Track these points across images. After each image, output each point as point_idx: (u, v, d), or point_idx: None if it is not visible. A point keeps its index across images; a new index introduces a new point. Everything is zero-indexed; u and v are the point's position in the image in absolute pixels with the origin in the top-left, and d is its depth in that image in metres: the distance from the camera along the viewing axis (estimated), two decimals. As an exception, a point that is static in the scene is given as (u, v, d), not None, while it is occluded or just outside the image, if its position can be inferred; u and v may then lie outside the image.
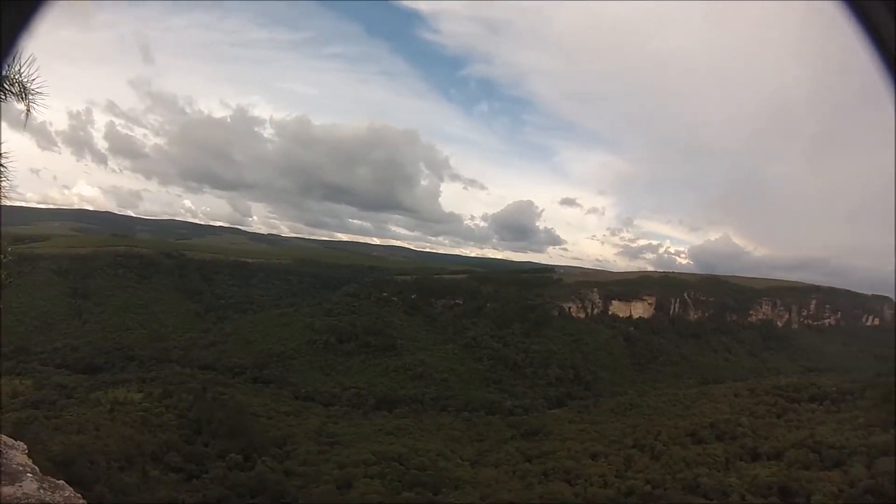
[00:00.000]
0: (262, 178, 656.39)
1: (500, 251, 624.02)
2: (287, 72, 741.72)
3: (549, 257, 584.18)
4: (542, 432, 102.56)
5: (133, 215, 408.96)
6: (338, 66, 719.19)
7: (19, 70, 4.05)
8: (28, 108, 4.56)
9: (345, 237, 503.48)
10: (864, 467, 66.72)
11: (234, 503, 60.51)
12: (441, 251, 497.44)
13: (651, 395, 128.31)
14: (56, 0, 2.83)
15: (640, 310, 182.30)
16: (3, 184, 4.83)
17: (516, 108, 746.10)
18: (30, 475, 6.45)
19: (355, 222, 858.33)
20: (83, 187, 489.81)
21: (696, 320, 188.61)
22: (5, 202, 5.12)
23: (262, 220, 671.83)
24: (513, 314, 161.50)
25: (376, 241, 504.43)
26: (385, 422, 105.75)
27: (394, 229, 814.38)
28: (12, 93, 4.35)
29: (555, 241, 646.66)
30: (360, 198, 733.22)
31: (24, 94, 4.41)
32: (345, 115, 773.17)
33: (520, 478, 78.42)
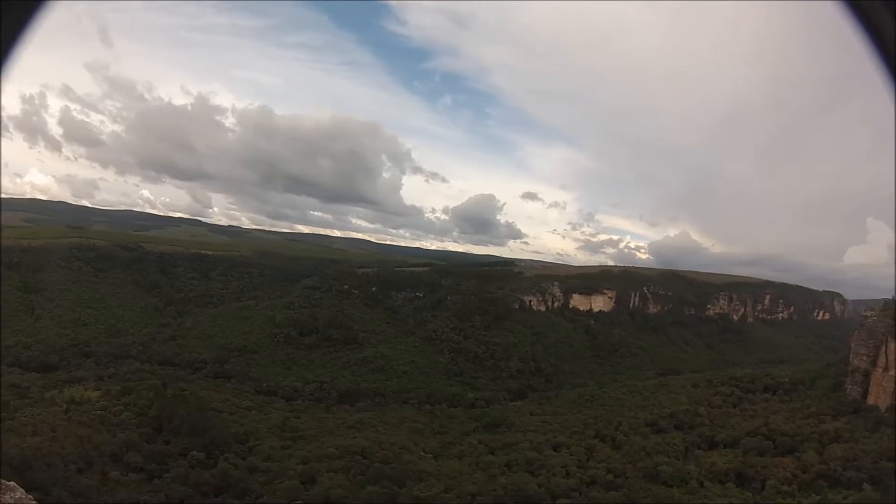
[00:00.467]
0: (223, 168, 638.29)
1: (461, 244, 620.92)
2: (250, 60, 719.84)
3: (510, 251, 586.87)
4: (505, 424, 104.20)
5: (89, 205, 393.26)
6: (302, 56, 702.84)
7: None
8: None
9: (306, 229, 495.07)
10: (816, 453, 70.57)
11: (197, 502, 60.02)
12: (402, 244, 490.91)
13: (611, 387, 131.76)
14: (56, 0, 2.99)
15: (600, 303, 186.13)
16: None
17: (480, 101, 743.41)
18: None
19: (316, 214, 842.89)
20: (36, 175, 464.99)
21: (656, 314, 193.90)
22: None
23: (223, 211, 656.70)
24: (473, 307, 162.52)
25: (337, 233, 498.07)
26: (348, 415, 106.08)
27: (355, 222, 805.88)
28: None
29: (516, 234, 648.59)
30: (321, 190, 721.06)
31: None
32: (308, 106, 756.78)
33: (483, 469, 79.59)
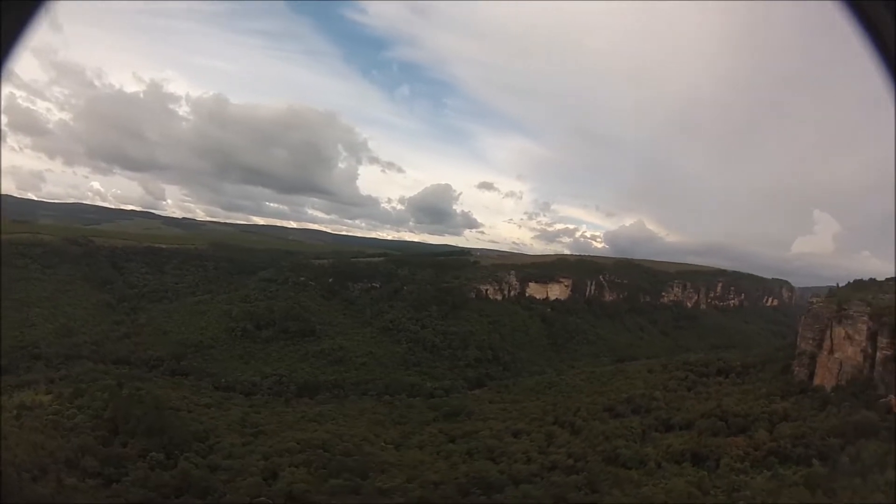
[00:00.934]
0: (177, 158, 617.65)
1: (417, 234, 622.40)
2: (205, 46, 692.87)
3: (466, 240, 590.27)
4: (464, 413, 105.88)
5: (35, 199, 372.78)
6: (258, 43, 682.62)
7: None
8: None
9: (261, 221, 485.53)
10: (767, 432, 74.32)
11: (157, 505, 59.58)
12: (358, 234, 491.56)
13: (569, 374, 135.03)
14: (56, 0, 3.17)
15: (556, 292, 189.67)
16: None
17: (438, 91, 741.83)
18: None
19: (272, 205, 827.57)
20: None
21: (612, 301, 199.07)
22: None
23: (177, 203, 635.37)
24: (430, 297, 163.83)
25: (293, 224, 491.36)
26: (307, 409, 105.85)
27: (311, 212, 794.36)
28: None
29: (472, 224, 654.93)
30: (277, 180, 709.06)
31: None
32: (264, 95, 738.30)
33: (444, 458, 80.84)
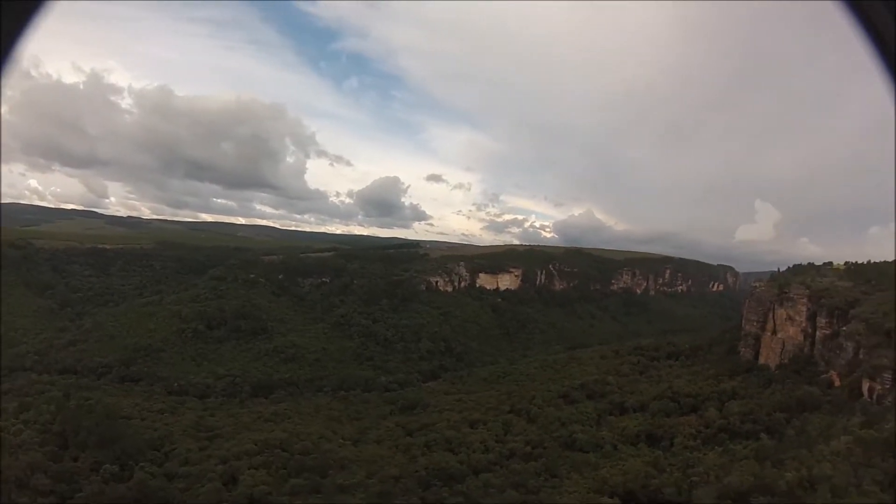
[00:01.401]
0: (120, 154, 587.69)
1: (366, 227, 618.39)
2: (148, 34, 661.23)
3: (416, 233, 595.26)
4: (420, 405, 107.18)
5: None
6: (203, 31, 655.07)
7: None
8: None
9: (209, 217, 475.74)
10: (717, 410, 79.84)
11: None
12: (307, 229, 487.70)
13: (522, 363, 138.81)
14: (56, 0, 3.13)
15: (507, 282, 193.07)
16: None
17: (386, 83, 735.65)
18: None
19: (219, 201, 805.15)
20: None
21: (562, 290, 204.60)
22: None
23: (121, 201, 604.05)
24: (380, 290, 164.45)
25: (241, 220, 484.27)
26: (263, 408, 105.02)
27: (259, 208, 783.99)
28: None
29: (421, 216, 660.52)
30: (224, 175, 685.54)
31: None
32: (210, 86, 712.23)
33: (403, 451, 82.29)
